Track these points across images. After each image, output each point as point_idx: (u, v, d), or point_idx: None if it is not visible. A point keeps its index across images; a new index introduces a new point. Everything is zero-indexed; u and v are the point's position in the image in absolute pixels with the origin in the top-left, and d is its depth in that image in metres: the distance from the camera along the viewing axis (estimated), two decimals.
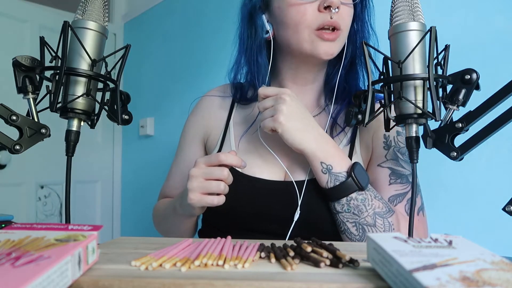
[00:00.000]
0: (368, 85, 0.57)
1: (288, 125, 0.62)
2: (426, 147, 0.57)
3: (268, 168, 0.73)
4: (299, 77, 0.78)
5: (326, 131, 0.74)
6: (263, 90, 0.66)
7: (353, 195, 0.63)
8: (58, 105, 0.55)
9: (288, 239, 0.67)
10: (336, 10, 0.66)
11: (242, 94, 0.82)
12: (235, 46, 0.82)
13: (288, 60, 0.77)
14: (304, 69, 0.77)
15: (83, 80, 0.56)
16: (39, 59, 0.57)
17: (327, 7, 0.66)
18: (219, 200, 0.63)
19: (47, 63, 0.57)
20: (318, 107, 0.81)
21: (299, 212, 0.67)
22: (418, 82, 0.54)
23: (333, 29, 0.69)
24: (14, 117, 0.54)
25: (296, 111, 0.64)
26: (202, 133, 0.84)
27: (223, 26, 1.71)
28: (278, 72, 0.80)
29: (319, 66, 0.78)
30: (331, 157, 0.64)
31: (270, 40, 0.76)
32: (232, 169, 0.70)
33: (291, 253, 0.42)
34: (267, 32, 0.75)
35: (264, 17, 0.75)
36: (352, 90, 0.77)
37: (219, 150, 0.78)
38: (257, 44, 0.76)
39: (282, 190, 0.70)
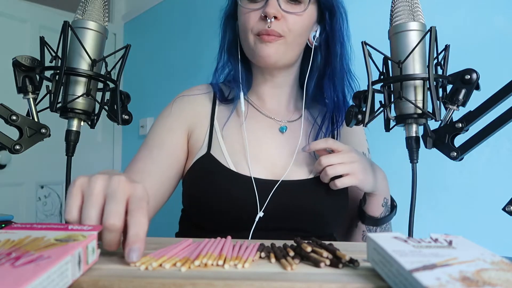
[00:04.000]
0: (368, 85, 0.57)
1: (365, 179, 0.69)
2: (426, 147, 0.57)
3: (254, 166, 0.74)
4: (269, 81, 0.82)
5: (309, 136, 0.81)
6: (333, 144, 0.69)
7: (390, 220, 0.77)
8: (58, 105, 0.55)
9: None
10: (272, 20, 0.70)
11: (222, 94, 0.84)
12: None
13: (255, 64, 0.81)
14: (270, 73, 0.81)
15: (83, 80, 0.56)
16: (39, 59, 0.57)
17: (265, 16, 0.71)
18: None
19: (47, 63, 0.57)
20: (297, 111, 0.84)
21: (262, 213, 0.70)
22: (418, 82, 0.54)
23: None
24: (14, 117, 0.54)
25: (365, 163, 0.70)
26: (186, 125, 0.80)
27: None
28: (253, 76, 0.84)
29: (284, 70, 0.80)
30: (388, 192, 0.76)
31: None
32: (223, 167, 0.72)
33: (291, 253, 0.42)
34: (238, 36, 0.80)
35: (237, 23, 0.81)
36: (329, 97, 0.81)
37: (208, 148, 0.76)
38: (231, 47, 0.83)
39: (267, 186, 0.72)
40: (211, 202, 0.71)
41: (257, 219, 0.69)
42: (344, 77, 0.81)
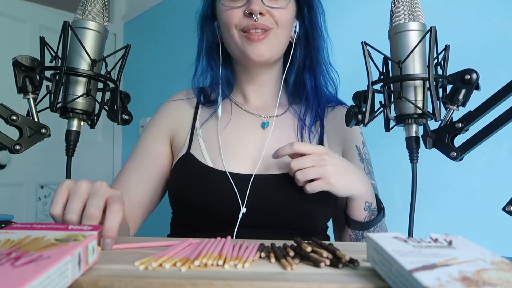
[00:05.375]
0: (368, 85, 0.57)
1: (339, 183, 0.64)
2: (426, 147, 0.57)
3: (232, 161, 0.75)
4: (254, 79, 0.82)
5: (296, 133, 0.79)
6: (299, 147, 0.64)
7: (379, 223, 0.71)
8: (58, 105, 0.55)
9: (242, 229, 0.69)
10: (258, 16, 0.70)
11: (206, 97, 0.84)
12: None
13: (239, 63, 0.81)
14: (256, 71, 0.80)
15: (83, 80, 0.56)
16: (39, 59, 0.57)
17: (250, 13, 0.71)
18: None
19: (47, 63, 0.57)
20: (281, 106, 0.83)
21: (244, 209, 0.69)
22: (418, 82, 0.54)
23: (262, 30, 0.72)
24: (14, 117, 0.54)
25: (339, 166, 0.65)
26: (168, 131, 0.82)
27: None
28: (236, 75, 0.84)
29: (270, 68, 0.81)
30: (371, 196, 0.70)
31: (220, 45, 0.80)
32: (200, 164, 0.73)
33: (291, 253, 0.42)
34: (217, 37, 0.80)
35: (215, 24, 0.80)
36: (310, 89, 0.80)
37: (188, 149, 0.77)
38: (211, 50, 0.82)
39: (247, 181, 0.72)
40: (190, 199, 0.72)
41: (240, 215, 0.69)
42: (324, 69, 0.82)
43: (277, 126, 0.79)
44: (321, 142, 0.79)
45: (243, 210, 0.69)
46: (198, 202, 0.71)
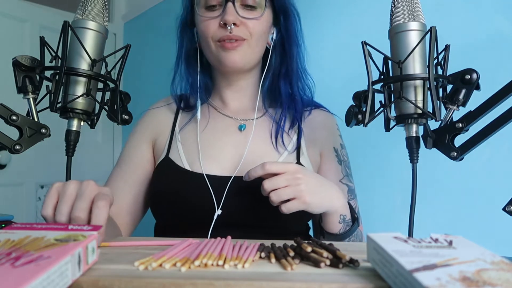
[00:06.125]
0: (368, 85, 0.57)
1: (314, 202, 0.63)
2: (426, 147, 0.57)
3: (209, 164, 0.76)
4: (232, 84, 0.83)
5: (271, 135, 0.81)
6: (270, 168, 0.63)
7: (354, 232, 0.72)
8: (58, 105, 0.55)
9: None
10: (232, 27, 0.72)
11: (185, 102, 0.86)
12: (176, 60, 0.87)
13: (217, 70, 0.83)
14: (233, 77, 0.82)
15: (83, 80, 0.56)
16: (39, 59, 0.57)
17: (225, 24, 0.73)
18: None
19: (47, 63, 0.57)
20: (259, 110, 0.85)
21: (220, 211, 0.71)
22: (418, 82, 0.54)
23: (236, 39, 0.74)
24: (14, 117, 0.54)
25: (313, 183, 0.64)
26: (150, 138, 0.85)
27: None
28: (214, 80, 0.86)
29: (247, 73, 0.82)
30: (346, 208, 0.69)
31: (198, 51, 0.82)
32: (178, 168, 0.75)
33: (291, 253, 0.42)
34: (196, 43, 0.82)
35: (194, 30, 0.82)
36: (284, 95, 0.82)
37: (167, 153, 0.79)
38: (189, 56, 0.84)
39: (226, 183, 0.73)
40: (168, 201, 0.74)
41: (215, 217, 0.70)
42: (299, 75, 0.84)
43: (254, 129, 0.81)
44: (298, 146, 0.80)
45: (218, 212, 0.70)
46: (175, 204, 0.73)
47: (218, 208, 0.70)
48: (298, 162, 0.77)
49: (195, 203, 0.72)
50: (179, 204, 0.73)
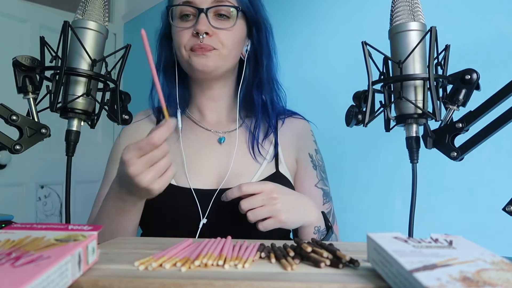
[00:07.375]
0: (368, 85, 0.57)
1: (289, 220, 0.66)
2: (426, 147, 0.57)
3: (194, 178, 0.78)
4: (207, 94, 0.85)
5: (248, 146, 0.83)
6: (247, 189, 0.65)
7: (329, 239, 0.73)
8: (58, 105, 0.55)
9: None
10: (204, 36, 0.75)
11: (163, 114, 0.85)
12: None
13: (192, 79, 0.85)
14: (206, 85, 0.84)
15: (83, 80, 0.56)
16: (39, 59, 0.57)
17: (197, 33, 0.76)
18: (173, 172, 0.61)
19: (47, 63, 0.57)
20: (235, 121, 0.86)
21: (205, 220, 0.73)
22: (418, 82, 0.54)
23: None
24: (14, 117, 0.54)
25: (288, 202, 0.67)
26: None
27: None
28: (191, 91, 0.88)
29: (220, 82, 0.84)
30: (320, 220, 0.72)
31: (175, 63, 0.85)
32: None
33: (291, 253, 0.42)
34: (174, 55, 0.84)
35: (173, 43, 0.84)
36: (257, 105, 0.84)
37: None
38: (167, 68, 0.86)
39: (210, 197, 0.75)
40: (155, 214, 0.74)
41: (200, 225, 0.72)
42: (272, 86, 0.86)
43: (233, 141, 0.83)
44: (276, 153, 0.82)
45: (204, 221, 0.73)
46: (162, 221, 0.75)
47: (203, 218, 0.73)
48: (277, 170, 0.80)
49: (182, 215, 0.74)
50: (165, 219, 0.75)
